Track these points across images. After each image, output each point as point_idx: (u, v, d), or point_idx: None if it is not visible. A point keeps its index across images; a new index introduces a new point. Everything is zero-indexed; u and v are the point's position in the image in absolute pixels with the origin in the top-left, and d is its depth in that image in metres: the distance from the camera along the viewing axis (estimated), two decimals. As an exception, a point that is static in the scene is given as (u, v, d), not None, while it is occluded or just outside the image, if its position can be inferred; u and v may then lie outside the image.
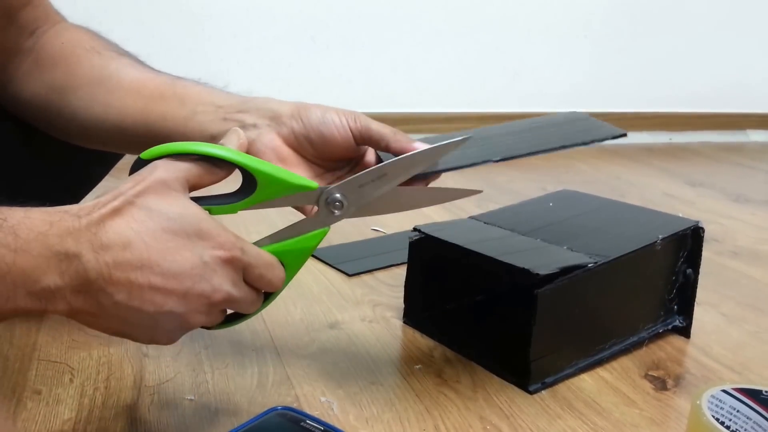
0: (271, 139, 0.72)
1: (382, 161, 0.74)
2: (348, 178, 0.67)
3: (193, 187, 0.61)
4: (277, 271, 0.64)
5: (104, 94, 0.79)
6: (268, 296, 0.66)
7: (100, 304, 0.55)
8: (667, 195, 1.75)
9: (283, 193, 0.65)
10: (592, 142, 0.73)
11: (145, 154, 0.63)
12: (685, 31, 2.42)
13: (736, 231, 1.46)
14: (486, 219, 0.96)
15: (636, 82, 2.41)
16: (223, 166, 0.63)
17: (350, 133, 0.73)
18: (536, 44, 2.27)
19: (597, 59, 2.36)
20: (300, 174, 0.72)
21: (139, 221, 0.56)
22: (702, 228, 0.92)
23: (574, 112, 0.85)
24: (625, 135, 0.75)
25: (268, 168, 0.64)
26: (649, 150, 2.33)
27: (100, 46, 0.83)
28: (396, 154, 0.72)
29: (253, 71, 1.99)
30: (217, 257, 0.58)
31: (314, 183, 0.66)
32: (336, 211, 0.67)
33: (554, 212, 0.99)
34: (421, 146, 0.70)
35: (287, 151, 0.73)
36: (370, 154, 0.77)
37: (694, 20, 2.42)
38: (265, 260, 0.63)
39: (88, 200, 0.57)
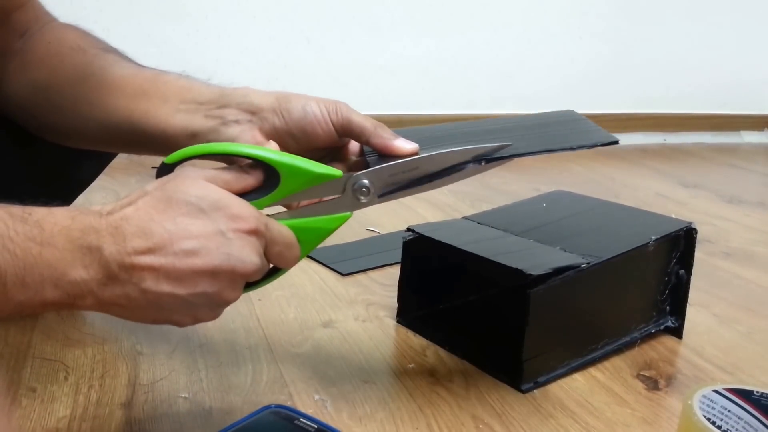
0: (253, 136, 0.72)
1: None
2: (378, 167, 0.67)
3: None
4: (294, 250, 0.64)
5: (88, 93, 0.79)
6: (275, 271, 0.66)
7: (128, 295, 0.55)
8: (661, 196, 1.76)
9: (308, 184, 0.64)
10: (582, 147, 0.72)
11: (170, 158, 0.64)
12: (679, 32, 2.42)
13: (729, 232, 1.47)
14: (479, 219, 0.96)
15: (630, 83, 2.42)
16: (252, 172, 0.63)
17: (331, 126, 0.73)
18: (531, 45, 2.28)
19: (591, 60, 2.36)
20: None
21: (159, 210, 0.56)
22: (695, 229, 0.92)
23: (569, 112, 0.85)
24: (617, 142, 0.74)
25: (289, 159, 0.64)
26: (643, 151, 2.33)
27: (86, 44, 0.83)
28: (375, 150, 0.72)
29: (248, 71, 1.99)
30: (240, 230, 0.58)
31: (338, 171, 0.66)
32: (362, 198, 0.67)
33: (547, 213, 1.00)
34: (407, 144, 0.71)
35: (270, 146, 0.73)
36: (354, 142, 0.77)
37: (689, 22, 2.42)
38: (286, 238, 0.63)
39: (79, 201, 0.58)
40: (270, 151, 0.64)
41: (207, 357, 0.83)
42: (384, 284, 1.07)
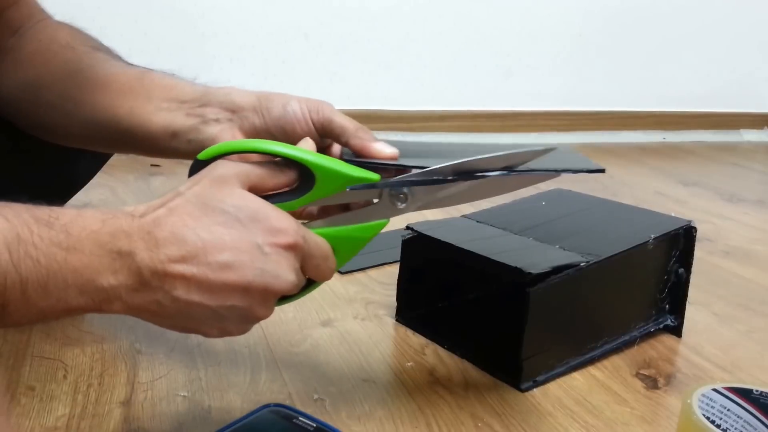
0: (232, 136, 0.72)
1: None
2: (416, 171, 0.65)
3: (254, 188, 0.60)
4: (331, 263, 0.63)
5: (75, 91, 0.78)
6: (310, 283, 0.64)
7: (158, 302, 0.54)
8: (660, 194, 1.76)
9: (343, 188, 0.63)
10: (567, 171, 0.70)
11: (203, 155, 0.62)
12: (679, 30, 2.42)
13: (729, 231, 1.47)
14: (479, 218, 0.96)
15: (630, 81, 2.41)
16: (287, 169, 0.62)
17: (312, 126, 0.72)
18: (530, 42, 2.27)
19: (591, 58, 2.36)
20: None
21: (194, 217, 0.55)
22: (694, 227, 0.92)
23: (562, 146, 0.83)
24: (603, 171, 0.72)
25: (325, 161, 0.62)
26: (643, 149, 2.33)
27: (76, 41, 0.83)
28: (353, 151, 0.70)
29: (246, 68, 1.99)
30: (278, 245, 0.56)
31: (375, 175, 0.64)
32: (400, 204, 0.65)
33: (547, 211, 1.00)
34: (386, 147, 0.69)
35: None
36: (338, 145, 0.75)
37: (689, 20, 2.42)
38: (323, 251, 0.62)
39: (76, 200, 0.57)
40: (306, 152, 0.63)
41: (206, 356, 0.83)
42: (383, 283, 1.06)
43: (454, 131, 2.22)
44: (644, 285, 0.92)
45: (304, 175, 0.62)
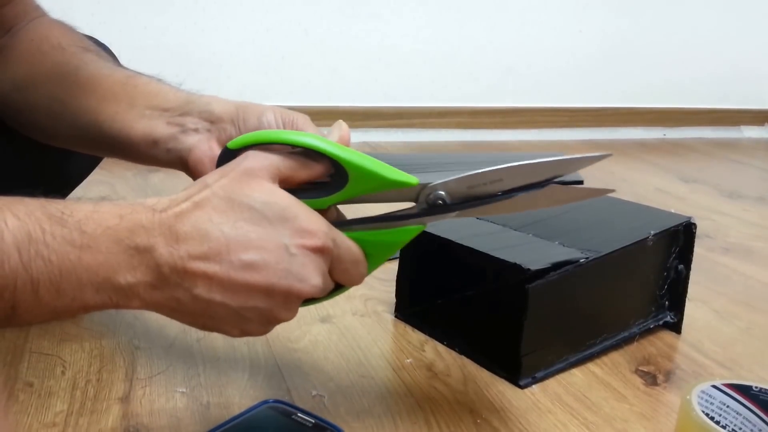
0: (209, 147, 0.70)
1: None
2: (457, 176, 0.61)
3: (284, 181, 0.58)
4: (361, 268, 0.61)
5: (62, 92, 0.77)
6: (338, 287, 0.62)
7: (178, 299, 0.53)
8: (660, 191, 1.76)
9: (378, 189, 0.60)
10: (549, 182, 0.67)
11: (233, 144, 0.61)
12: (679, 26, 2.42)
13: (729, 227, 1.47)
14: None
15: (630, 77, 2.41)
16: (320, 160, 0.60)
17: None
18: (530, 38, 2.27)
19: (591, 54, 2.35)
20: None
21: (219, 211, 0.54)
22: (694, 224, 0.92)
23: (557, 153, 0.83)
24: (581, 183, 0.69)
25: (361, 160, 0.59)
26: (643, 145, 2.33)
27: (67, 42, 0.82)
28: None
29: (245, 64, 1.98)
30: (306, 246, 0.55)
31: (414, 178, 0.61)
32: (438, 210, 0.62)
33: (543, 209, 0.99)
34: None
35: None
36: None
37: (689, 16, 2.42)
38: (354, 255, 0.60)
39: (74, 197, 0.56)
40: (340, 148, 0.60)
41: (205, 352, 0.83)
42: (382, 279, 1.06)
43: (454, 128, 2.22)
44: (644, 281, 0.92)
45: (338, 172, 0.60)
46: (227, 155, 0.61)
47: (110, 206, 0.52)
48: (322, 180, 0.61)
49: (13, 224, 0.48)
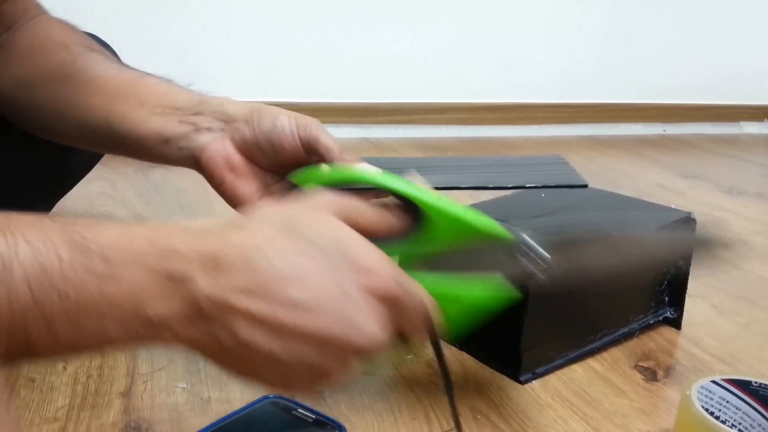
0: (223, 146, 0.71)
1: None
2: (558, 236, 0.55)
3: (352, 225, 0.51)
4: (429, 325, 0.52)
5: (68, 91, 0.78)
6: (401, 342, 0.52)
7: (215, 337, 0.46)
8: (660, 186, 1.76)
9: (463, 240, 0.53)
10: (548, 186, 0.66)
11: (296, 177, 0.55)
12: (679, 22, 2.42)
13: (728, 223, 1.46)
14: (478, 209, 0.96)
15: (630, 73, 2.41)
16: (398, 214, 0.53)
17: (299, 142, 0.70)
18: (530, 34, 2.27)
19: (591, 50, 2.35)
20: (250, 184, 0.70)
21: (269, 240, 0.47)
22: (694, 219, 0.92)
23: (554, 155, 0.83)
24: (586, 186, 0.68)
25: (447, 206, 0.52)
26: (643, 141, 2.33)
27: (71, 41, 0.82)
28: None
29: (246, 61, 1.98)
30: (369, 290, 0.47)
31: (508, 233, 0.54)
32: (536, 272, 0.55)
33: (546, 203, 0.99)
34: (370, 168, 0.60)
35: (238, 159, 0.71)
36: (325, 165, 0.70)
37: (689, 11, 2.42)
38: (423, 308, 0.51)
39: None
40: (424, 192, 0.53)
41: (205, 347, 0.83)
42: (383, 274, 1.06)
43: (455, 124, 2.21)
44: (643, 277, 0.92)
45: (416, 218, 0.53)
46: (290, 186, 0.57)
47: (140, 229, 0.46)
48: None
49: (25, 255, 0.41)
